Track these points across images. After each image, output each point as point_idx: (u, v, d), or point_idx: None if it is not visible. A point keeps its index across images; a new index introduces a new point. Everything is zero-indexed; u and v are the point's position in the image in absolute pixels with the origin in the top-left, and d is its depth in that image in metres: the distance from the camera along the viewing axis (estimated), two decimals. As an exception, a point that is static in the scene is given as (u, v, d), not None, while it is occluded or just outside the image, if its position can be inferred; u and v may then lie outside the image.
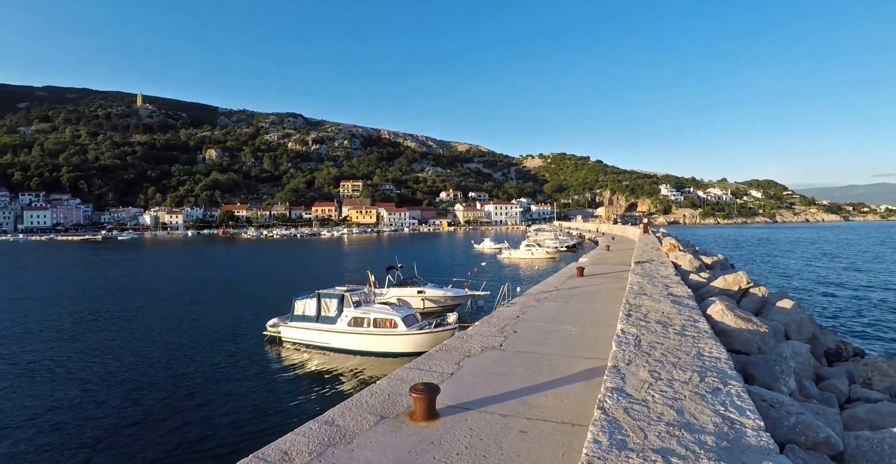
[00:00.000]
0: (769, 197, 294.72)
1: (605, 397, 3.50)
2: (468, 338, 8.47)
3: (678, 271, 12.96)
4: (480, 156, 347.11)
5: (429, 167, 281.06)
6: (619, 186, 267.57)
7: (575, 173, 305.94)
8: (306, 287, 23.52)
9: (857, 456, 4.58)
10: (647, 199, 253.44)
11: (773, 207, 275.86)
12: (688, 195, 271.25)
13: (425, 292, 23.64)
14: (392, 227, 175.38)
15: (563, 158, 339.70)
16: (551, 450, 4.30)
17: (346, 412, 5.22)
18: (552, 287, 14.73)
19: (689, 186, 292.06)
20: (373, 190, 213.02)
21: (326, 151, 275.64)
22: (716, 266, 18.30)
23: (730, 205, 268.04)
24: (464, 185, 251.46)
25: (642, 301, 7.53)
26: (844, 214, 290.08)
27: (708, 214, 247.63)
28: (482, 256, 58.98)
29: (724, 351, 4.84)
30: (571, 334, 8.74)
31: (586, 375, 6.27)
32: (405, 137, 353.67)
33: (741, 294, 11.31)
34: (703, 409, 3.39)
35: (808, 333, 10.37)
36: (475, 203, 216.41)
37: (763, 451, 2.87)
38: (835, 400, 7.61)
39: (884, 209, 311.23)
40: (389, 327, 16.59)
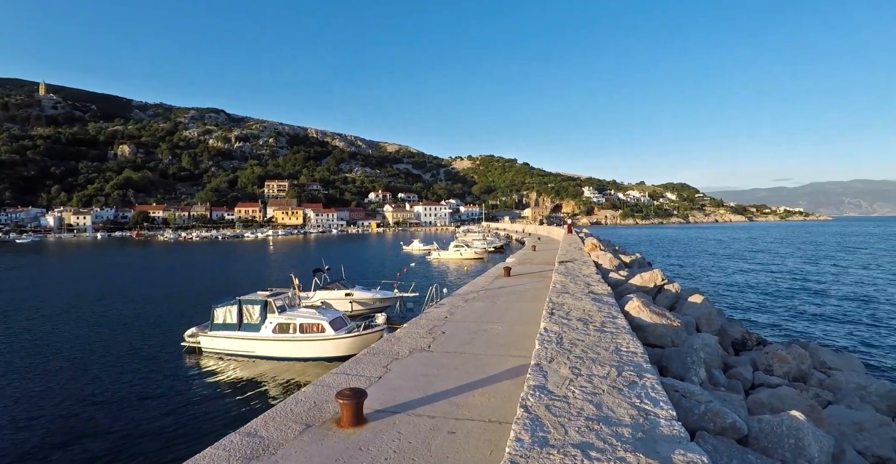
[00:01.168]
0: (683, 199, 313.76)
1: (527, 396, 3.59)
2: (397, 340, 8.43)
3: (599, 270, 13.49)
4: (410, 157, 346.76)
5: (357, 167, 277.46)
6: (545, 188, 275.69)
7: (503, 175, 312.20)
8: (227, 293, 22.55)
9: (760, 438, 4.94)
10: (572, 200, 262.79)
11: (686, 208, 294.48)
12: (609, 197, 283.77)
13: (353, 295, 23.33)
14: (319, 228, 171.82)
15: (492, 160, 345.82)
16: (479, 449, 4.35)
17: (269, 422, 5.04)
18: (480, 287, 14.93)
19: (610, 189, 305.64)
20: (299, 190, 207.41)
21: (250, 150, 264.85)
22: (634, 264, 19.23)
23: (647, 206, 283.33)
24: (393, 186, 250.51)
25: (565, 299, 7.78)
26: (749, 215, 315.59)
27: (627, 215, 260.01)
28: (411, 257, 59.01)
29: (641, 345, 5.08)
30: (499, 333, 8.88)
31: (513, 373, 6.40)
32: (333, 136, 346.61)
33: (657, 291, 11.95)
34: (621, 402, 3.54)
35: (717, 326, 11.10)
36: (404, 204, 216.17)
37: (675, 439, 3.03)
38: (741, 387, 8.19)
39: (782, 210, 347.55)
40: (316, 332, 16.21)
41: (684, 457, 2.81)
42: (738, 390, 7.90)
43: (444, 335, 8.75)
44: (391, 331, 11.76)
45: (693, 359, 6.29)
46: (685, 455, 2.83)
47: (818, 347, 13.62)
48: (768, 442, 4.88)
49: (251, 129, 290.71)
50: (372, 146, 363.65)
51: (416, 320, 10.21)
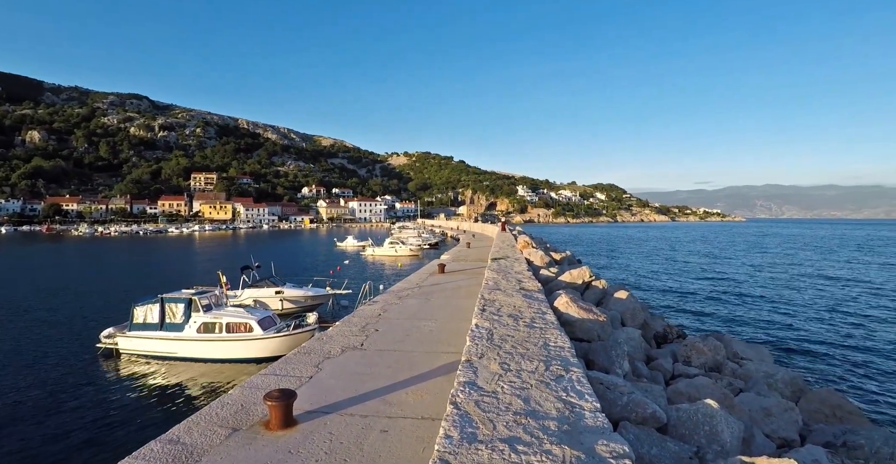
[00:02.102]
0: (612, 199, 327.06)
1: (457, 392, 3.61)
2: (329, 339, 8.29)
3: (530, 267, 13.80)
4: (345, 151, 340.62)
5: (291, 161, 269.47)
6: (481, 186, 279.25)
7: (439, 172, 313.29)
8: (149, 292, 21.31)
9: (678, 426, 5.22)
10: (506, 198, 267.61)
11: (614, 208, 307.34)
12: (542, 196, 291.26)
13: (284, 293, 22.71)
14: (250, 223, 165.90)
15: (428, 156, 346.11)
16: (412, 447, 4.34)
17: (193, 428, 4.82)
18: (414, 284, 14.94)
19: (543, 188, 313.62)
20: (229, 183, 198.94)
21: (176, 139, 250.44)
22: (564, 262, 19.81)
23: (578, 206, 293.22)
24: (327, 180, 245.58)
25: (496, 296, 7.91)
26: (672, 215, 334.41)
27: (559, 213, 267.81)
28: (345, 253, 58.16)
29: (568, 340, 5.24)
30: (432, 330, 8.92)
31: (446, 369, 6.43)
32: (266, 127, 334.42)
33: (585, 287, 12.37)
34: (548, 396, 3.63)
35: (641, 320, 11.62)
36: (339, 200, 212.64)
37: (599, 431, 3.14)
38: (661, 378, 8.62)
39: (702, 211, 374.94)
40: (244, 332, 15.63)
41: (607, 447, 2.92)
42: (659, 380, 8.30)
43: (378, 333, 8.69)
44: (323, 329, 11.54)
45: (618, 352, 6.55)
46: (608, 445, 2.94)
47: (732, 338, 14.54)
48: (686, 429, 5.16)
49: (177, 117, 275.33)
50: (306, 139, 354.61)
51: (349, 318, 10.08)
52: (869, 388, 14.94)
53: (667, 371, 9.03)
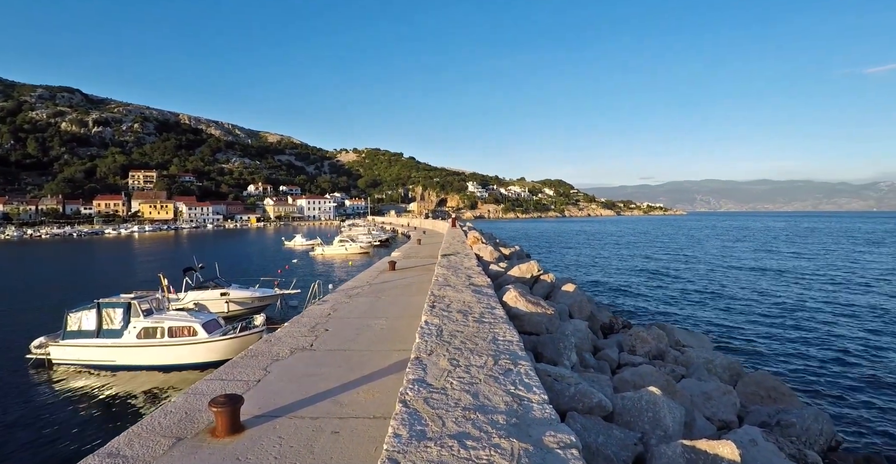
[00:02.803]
0: (559, 195, 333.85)
1: (406, 390, 3.61)
2: (277, 340, 8.12)
3: (480, 262, 13.91)
4: (293, 148, 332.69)
5: (236, 158, 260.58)
6: (431, 183, 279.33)
7: (389, 169, 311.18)
8: (83, 297, 20.25)
9: (623, 413, 5.39)
10: (456, 195, 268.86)
11: (562, 203, 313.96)
12: (492, 192, 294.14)
13: (229, 294, 22.03)
14: (193, 223, 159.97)
15: (378, 153, 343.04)
16: (364, 447, 4.31)
17: (134, 439, 4.61)
18: (364, 282, 14.81)
19: (493, 184, 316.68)
20: (170, 182, 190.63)
21: (112, 135, 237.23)
22: (513, 257, 20.08)
23: (527, 201, 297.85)
24: (274, 178, 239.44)
25: (446, 292, 7.93)
26: (617, 210, 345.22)
27: (509, 209, 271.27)
28: (294, 252, 57.06)
29: (517, 334, 5.31)
30: (383, 328, 8.87)
31: (397, 367, 6.41)
32: (209, 123, 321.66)
33: (533, 281, 12.58)
34: (497, 390, 3.68)
35: (588, 312, 11.92)
36: (287, 197, 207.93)
37: (546, 422, 3.20)
38: (608, 367, 8.87)
39: (645, 206, 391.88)
40: (188, 336, 15.05)
41: (554, 438, 2.98)
42: (605, 370, 8.55)
43: (328, 333, 8.57)
44: (271, 331, 11.26)
45: (565, 344, 6.70)
46: (555, 436, 3.00)
47: (674, 327, 15.13)
48: (631, 417, 5.33)
49: (113, 112, 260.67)
50: (251, 136, 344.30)
51: (298, 319, 9.90)
52: (800, 369, 15.85)
53: (613, 361, 9.31)
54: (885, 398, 13.38)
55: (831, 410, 12.38)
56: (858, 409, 12.67)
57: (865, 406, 12.85)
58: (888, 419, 12.03)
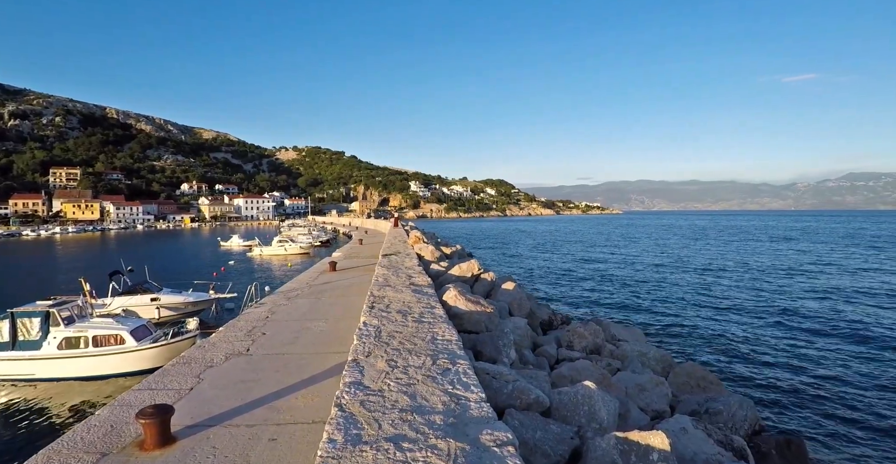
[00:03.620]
0: (501, 194, 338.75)
1: (342, 393, 3.55)
2: (211, 346, 7.83)
3: (421, 262, 13.91)
4: (229, 145, 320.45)
5: (168, 155, 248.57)
6: (373, 182, 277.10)
7: (330, 167, 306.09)
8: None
9: (560, 408, 5.52)
10: (399, 194, 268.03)
11: (504, 202, 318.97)
12: (434, 191, 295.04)
13: (160, 299, 21.05)
14: (121, 224, 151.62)
15: (319, 151, 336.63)
16: (302, 453, 4.22)
17: (54, 457, 4.30)
18: (304, 283, 14.53)
19: (435, 183, 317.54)
20: (96, 180, 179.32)
21: (31, 129, 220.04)
22: (454, 255, 20.21)
23: (469, 201, 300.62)
24: (210, 176, 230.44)
25: (386, 292, 7.89)
26: (557, 209, 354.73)
27: (451, 208, 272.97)
28: (230, 254, 55.22)
29: (456, 333, 5.34)
30: (323, 331, 8.73)
31: (337, 370, 6.31)
32: (138, 118, 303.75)
33: (474, 279, 12.71)
34: (434, 390, 3.68)
35: (528, 309, 12.15)
36: (223, 197, 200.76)
37: (484, 421, 3.23)
38: (546, 363, 9.06)
39: (583, 205, 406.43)
40: (115, 344, 14.20)
41: (491, 436, 3.01)
42: (544, 366, 8.73)
43: (265, 337, 8.35)
44: (205, 336, 10.82)
45: (504, 342, 6.79)
46: (492, 434, 3.03)
47: (610, 322, 15.65)
48: (567, 411, 5.46)
49: (32, 104, 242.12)
50: (185, 132, 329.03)
51: (234, 323, 9.59)
52: (726, 358, 16.76)
53: (552, 356, 9.52)
54: (802, 383, 14.36)
55: (755, 396, 13.17)
56: (779, 394, 13.54)
57: (785, 391, 13.74)
58: (806, 403, 12.91)
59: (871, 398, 13.20)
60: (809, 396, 13.39)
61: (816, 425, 11.60)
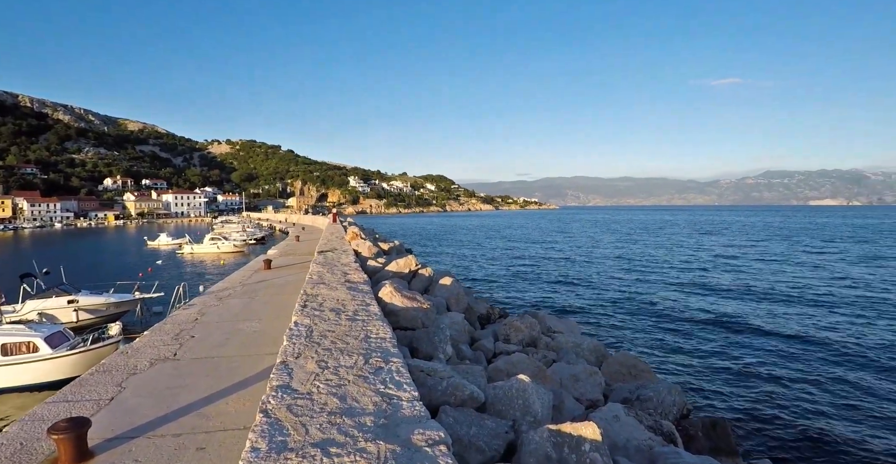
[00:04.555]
0: (441, 190, 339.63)
1: (268, 398, 3.42)
2: (135, 351, 7.40)
3: (358, 258, 13.75)
4: (157, 137, 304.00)
5: (89, 148, 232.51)
6: (311, 177, 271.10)
7: (266, 162, 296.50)
8: None
9: (496, 403, 5.56)
10: (337, 190, 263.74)
11: (444, 198, 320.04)
12: (374, 187, 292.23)
13: (79, 302, 19.74)
14: (37, 222, 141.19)
15: (254, 145, 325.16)
16: (232, 462, 4.04)
17: (-48, 483, 3.95)
18: (237, 283, 14.04)
19: (375, 179, 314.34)
20: (7, 174, 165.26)
21: None
22: (392, 251, 20.10)
23: (409, 196, 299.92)
24: (136, 171, 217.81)
25: (320, 290, 7.71)
26: (496, 205, 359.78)
27: (391, 204, 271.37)
28: (158, 253, 52.69)
29: (390, 331, 5.28)
30: (256, 331, 8.46)
31: (271, 372, 6.12)
32: (56, 107, 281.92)
33: (412, 276, 12.68)
34: (366, 390, 3.61)
35: (465, 304, 12.24)
36: (150, 192, 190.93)
37: (416, 420, 3.19)
38: (483, 357, 9.15)
39: (522, 200, 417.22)
40: (27, 352, 13.17)
41: (423, 435, 2.98)
42: (482, 360, 8.82)
43: (194, 340, 7.99)
44: (129, 341, 10.24)
45: (440, 338, 6.80)
46: (424, 434, 3.00)
47: (546, 314, 16.00)
48: (502, 405, 5.52)
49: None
50: (108, 123, 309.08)
51: (161, 326, 9.12)
52: (656, 346, 17.54)
53: (489, 350, 9.63)
54: (727, 368, 15.24)
55: (683, 381, 13.85)
56: (705, 378, 14.31)
57: (711, 376, 14.54)
58: (729, 386, 13.70)
59: (789, 379, 14.17)
60: (733, 379, 14.23)
61: (740, 406, 12.34)
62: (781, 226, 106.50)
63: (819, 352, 16.71)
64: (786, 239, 66.98)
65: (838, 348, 17.09)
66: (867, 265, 39.83)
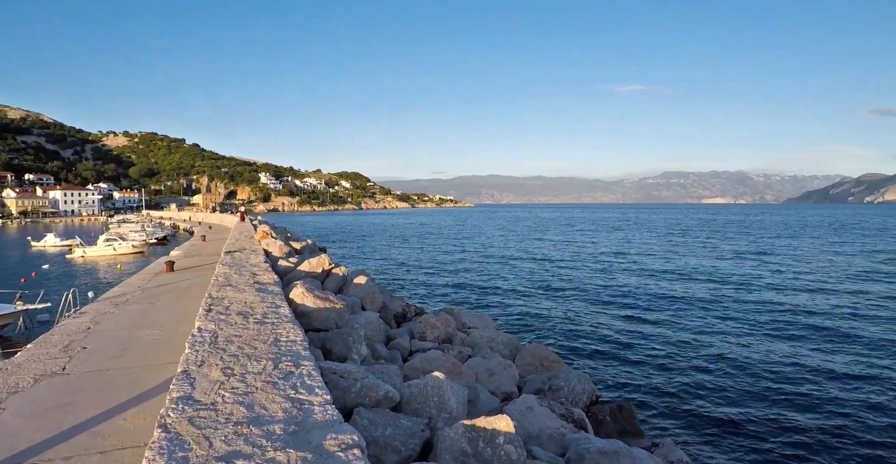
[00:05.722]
0: (356, 187, 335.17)
1: (167, 411, 3.22)
2: (16, 367, 6.71)
3: (269, 259, 13.30)
4: (43, 127, 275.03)
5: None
6: (218, 173, 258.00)
7: (168, 156, 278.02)
8: None
9: (411, 402, 5.56)
10: (247, 186, 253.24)
11: (359, 196, 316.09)
12: (286, 184, 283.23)
13: None
14: None
15: (154, 138, 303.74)
16: (130, 482, 3.77)
17: None
18: (136, 287, 13.12)
19: (287, 176, 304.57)
20: None
21: None
22: (305, 251, 19.60)
23: (324, 194, 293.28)
24: (18, 164, 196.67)
25: (226, 293, 7.37)
26: (412, 202, 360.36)
27: (305, 202, 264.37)
28: (45, 256, 48.22)
29: (301, 333, 5.14)
30: (158, 339, 7.94)
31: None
32: None
33: (325, 275, 12.43)
34: (275, 397, 3.49)
35: (380, 303, 12.16)
36: (35, 188, 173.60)
37: (328, 424, 3.12)
38: (399, 356, 9.13)
39: (437, 198, 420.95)
40: None
41: (336, 440, 2.92)
42: (397, 359, 8.80)
43: (86, 351, 7.36)
44: (9, 356, 9.25)
45: (355, 338, 6.70)
46: (336, 438, 2.94)
47: (461, 310, 16.22)
48: (418, 404, 5.53)
49: None
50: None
51: (47, 337, 8.33)
52: (566, 337, 18.31)
53: (405, 349, 9.63)
54: (632, 354, 16.20)
55: (592, 369, 14.57)
56: (612, 365, 15.15)
57: (617, 362, 15.41)
58: (635, 371, 14.57)
59: (688, 364, 15.29)
60: (638, 365, 15.15)
61: (645, 390, 13.19)
62: (678, 222, 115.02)
63: (714, 336, 18.17)
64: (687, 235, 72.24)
65: (731, 332, 18.71)
66: (756, 260, 43.81)
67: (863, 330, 18.90)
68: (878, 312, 21.79)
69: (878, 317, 21.01)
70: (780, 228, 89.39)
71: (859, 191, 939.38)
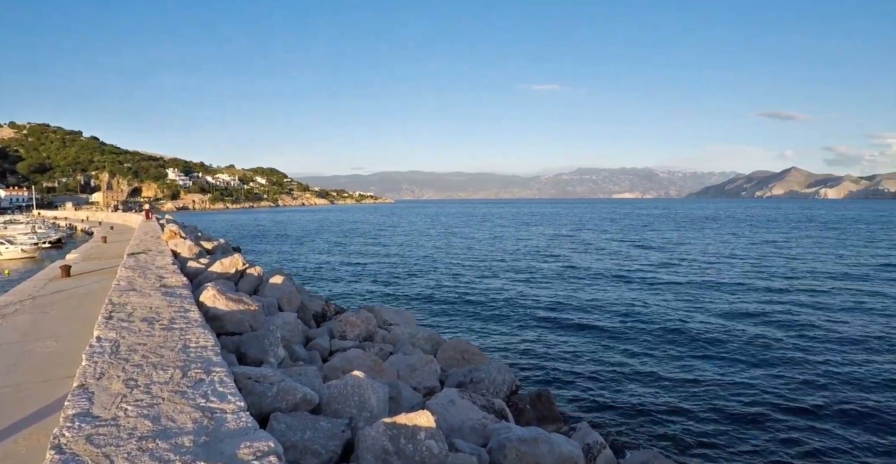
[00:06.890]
0: (273, 183, 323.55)
1: (62, 430, 2.97)
2: None
3: (177, 260, 12.60)
4: None
5: None
6: (121, 169, 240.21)
7: (63, 151, 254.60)
8: None
9: (331, 402, 5.48)
10: (154, 183, 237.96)
11: (276, 192, 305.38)
12: (197, 180, 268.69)
13: None
14: None
15: (47, 130, 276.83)
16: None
17: None
18: (26, 295, 12.00)
19: (198, 171, 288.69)
20: None
21: None
22: (217, 251, 18.76)
23: (238, 190, 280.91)
24: None
25: (129, 298, 6.90)
26: (331, 199, 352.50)
27: (217, 199, 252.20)
28: (-87, 263, 43.06)
29: (212, 338, 4.92)
30: (53, 352, 7.29)
31: (67, 397, 5.32)
32: None
33: (239, 276, 11.95)
34: (184, 407, 3.32)
35: (298, 303, 11.87)
36: None
37: (242, 432, 3.01)
38: (319, 357, 8.96)
39: (357, 194, 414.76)
40: None
41: (251, 448, 2.82)
42: (317, 360, 8.63)
43: (-34, 368, 6.66)
44: None
45: (271, 340, 6.51)
46: (251, 446, 2.85)
47: (382, 307, 16.17)
48: (338, 404, 5.46)
49: None
50: None
51: (-84, 355, 7.46)
52: (486, 329, 18.68)
53: (325, 349, 9.47)
54: (549, 343, 16.78)
55: (512, 360, 14.94)
56: (531, 354, 15.62)
57: (535, 351, 15.90)
58: (552, 359, 15.10)
59: (603, 349, 16.04)
60: (555, 353, 15.70)
61: (562, 377, 13.68)
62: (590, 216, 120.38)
63: (630, 324, 19.12)
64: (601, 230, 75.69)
65: (647, 318, 19.77)
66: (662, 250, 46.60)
67: (750, 305, 20.70)
68: (765, 291, 23.90)
69: (760, 289, 23.05)
70: (687, 223, 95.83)
71: (751, 186, 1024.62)
